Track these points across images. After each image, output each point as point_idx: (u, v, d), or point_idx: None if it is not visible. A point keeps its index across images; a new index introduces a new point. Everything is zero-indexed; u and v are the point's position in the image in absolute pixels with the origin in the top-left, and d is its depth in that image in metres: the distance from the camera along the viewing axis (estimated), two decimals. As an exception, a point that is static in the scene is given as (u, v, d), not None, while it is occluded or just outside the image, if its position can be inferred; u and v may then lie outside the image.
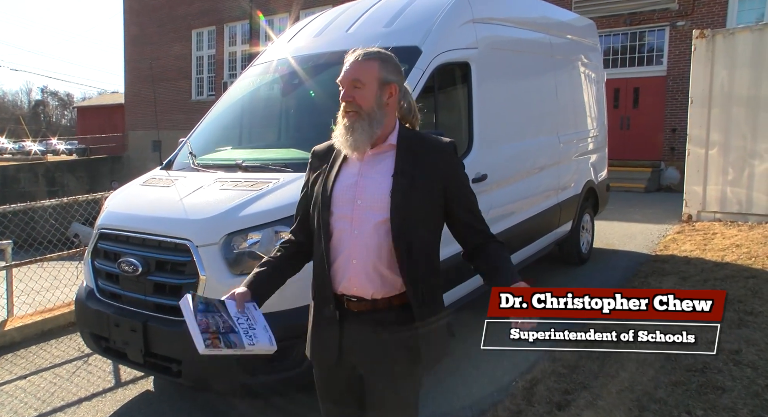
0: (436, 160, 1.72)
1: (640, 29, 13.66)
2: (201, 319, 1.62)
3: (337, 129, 1.72)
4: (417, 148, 1.72)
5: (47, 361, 4.19)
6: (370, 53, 1.71)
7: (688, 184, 8.34)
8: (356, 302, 1.70)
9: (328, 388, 1.86)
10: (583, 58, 6.19)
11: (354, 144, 1.67)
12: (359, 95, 1.67)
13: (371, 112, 1.67)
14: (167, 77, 21.65)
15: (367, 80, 1.67)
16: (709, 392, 3.18)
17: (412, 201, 1.66)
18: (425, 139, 1.77)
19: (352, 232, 1.68)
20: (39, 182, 21.74)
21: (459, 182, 1.76)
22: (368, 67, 1.68)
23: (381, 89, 1.69)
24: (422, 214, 1.68)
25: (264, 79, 4.46)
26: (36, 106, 66.51)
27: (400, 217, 1.64)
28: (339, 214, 1.70)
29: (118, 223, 3.27)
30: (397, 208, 1.64)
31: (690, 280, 5.34)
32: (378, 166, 1.71)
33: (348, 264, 1.69)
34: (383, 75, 1.69)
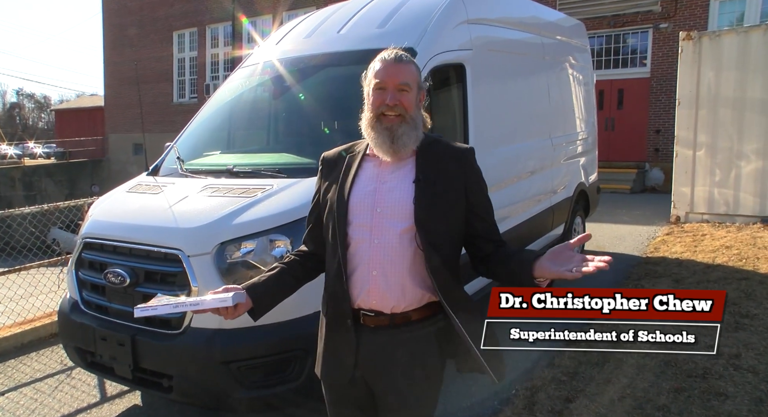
0: (457, 166, 1.67)
1: (624, 31, 13.78)
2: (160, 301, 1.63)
3: (372, 133, 1.63)
4: (437, 153, 1.67)
5: (27, 376, 4.01)
6: (407, 56, 1.66)
7: (676, 185, 8.39)
8: (373, 317, 1.62)
9: (339, 406, 1.77)
10: (572, 60, 6.17)
11: (399, 148, 1.61)
12: (405, 99, 1.61)
13: (415, 116, 1.63)
14: (148, 80, 21.31)
15: (412, 84, 1.63)
16: (711, 399, 3.15)
17: (436, 208, 1.60)
18: (445, 145, 1.72)
19: (372, 241, 1.60)
20: (16, 187, 21.24)
21: (479, 190, 1.71)
22: (411, 70, 1.64)
23: (418, 94, 1.67)
24: (447, 220, 1.63)
25: (252, 81, 4.34)
26: (11, 109, 65.17)
27: (427, 225, 1.58)
28: (357, 223, 1.62)
29: (103, 232, 3.13)
30: (422, 215, 1.58)
31: (683, 282, 5.34)
32: (398, 172, 1.64)
33: (368, 276, 1.60)
34: (419, 80, 1.67)
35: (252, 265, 2.72)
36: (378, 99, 1.61)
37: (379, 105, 1.60)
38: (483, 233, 1.71)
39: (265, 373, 2.70)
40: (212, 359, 2.65)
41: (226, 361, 2.65)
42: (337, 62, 3.82)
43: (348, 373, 1.65)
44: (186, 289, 2.71)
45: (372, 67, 1.65)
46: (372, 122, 1.62)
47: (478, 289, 3.80)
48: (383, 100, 1.60)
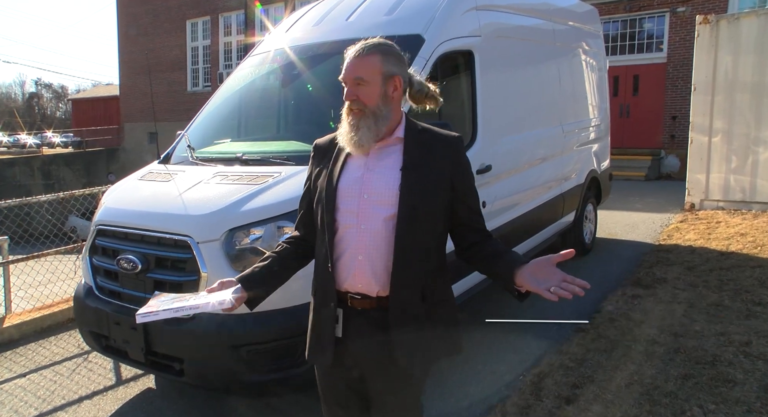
0: (444, 154, 1.68)
1: (640, 16, 13.53)
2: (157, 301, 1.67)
3: (341, 126, 1.67)
4: (425, 141, 1.68)
5: (47, 359, 4.13)
6: (370, 46, 1.64)
7: (691, 172, 8.28)
8: (360, 300, 1.65)
9: (329, 388, 1.81)
10: (585, 46, 6.10)
11: (359, 142, 1.62)
12: (363, 93, 1.61)
13: (376, 109, 1.62)
14: (162, 68, 21.43)
15: (370, 76, 1.61)
16: (720, 385, 3.14)
17: (421, 195, 1.61)
18: (433, 133, 1.71)
19: (359, 227, 1.63)
20: (35, 175, 21.61)
21: (465, 178, 1.72)
22: (370, 62, 1.61)
23: (385, 84, 1.63)
24: (431, 208, 1.64)
25: (262, 69, 4.36)
26: (30, 99, 66.01)
27: (409, 212, 1.60)
28: (344, 209, 1.65)
29: (116, 219, 3.19)
30: (406, 202, 1.60)
31: (695, 269, 5.30)
32: (385, 159, 1.66)
33: (354, 260, 1.64)
34: (386, 68, 1.63)
35: (260, 252, 2.76)
36: (344, 94, 1.65)
37: (344, 101, 1.65)
38: (468, 222, 1.72)
39: (273, 357, 2.75)
40: (222, 343, 2.70)
41: (235, 346, 2.70)
42: (345, 50, 3.81)
43: (330, 354, 1.68)
44: (196, 275, 2.76)
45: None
46: (342, 116, 1.68)
47: (468, 288, 3.80)
48: (345, 96, 1.65)
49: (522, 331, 4.16)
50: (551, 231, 5.23)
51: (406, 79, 1.69)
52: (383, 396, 1.71)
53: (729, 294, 4.58)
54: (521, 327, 4.24)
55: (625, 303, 4.51)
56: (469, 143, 3.85)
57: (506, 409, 3.04)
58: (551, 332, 4.11)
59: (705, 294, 4.63)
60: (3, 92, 65.96)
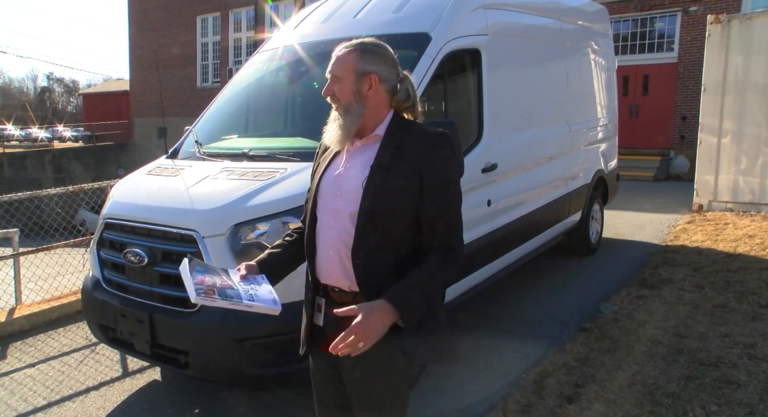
0: (417, 150, 1.62)
1: (651, 15, 13.43)
2: (197, 276, 1.60)
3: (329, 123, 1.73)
4: (403, 138, 1.64)
5: (55, 350, 4.18)
6: (351, 45, 1.67)
7: (700, 173, 8.23)
8: (338, 292, 1.70)
9: (316, 381, 1.87)
10: (593, 45, 6.07)
11: (332, 138, 1.68)
12: (338, 89, 1.65)
13: (348, 105, 1.64)
14: (172, 64, 21.55)
15: (343, 74, 1.64)
16: (723, 387, 3.14)
17: (384, 194, 1.59)
18: (414, 130, 1.67)
19: (330, 222, 1.68)
20: (45, 169, 21.80)
21: (435, 174, 1.61)
22: (345, 60, 1.65)
23: (359, 81, 1.64)
24: (394, 207, 1.60)
25: (270, 66, 4.38)
26: (42, 93, 66.56)
27: (369, 210, 1.59)
28: (322, 205, 1.70)
29: (123, 212, 3.23)
30: (366, 200, 1.60)
31: (702, 271, 5.28)
32: (361, 156, 1.68)
33: (326, 255, 1.68)
34: (360, 66, 1.64)
35: (265, 247, 2.77)
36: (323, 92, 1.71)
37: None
38: (429, 221, 1.62)
39: (277, 351, 2.77)
40: (226, 337, 2.73)
41: (239, 339, 2.73)
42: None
43: (305, 342, 1.77)
44: (201, 269, 2.79)
45: None
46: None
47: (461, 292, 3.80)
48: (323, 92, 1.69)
49: (525, 330, 4.17)
50: (557, 230, 5.23)
51: (385, 78, 1.66)
52: (356, 392, 1.73)
53: (735, 296, 4.56)
54: (524, 326, 4.25)
55: (629, 303, 4.51)
56: (475, 141, 3.85)
57: (508, 407, 3.05)
58: (554, 331, 4.12)
59: (711, 295, 4.61)
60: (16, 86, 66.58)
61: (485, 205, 3.92)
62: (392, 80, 1.68)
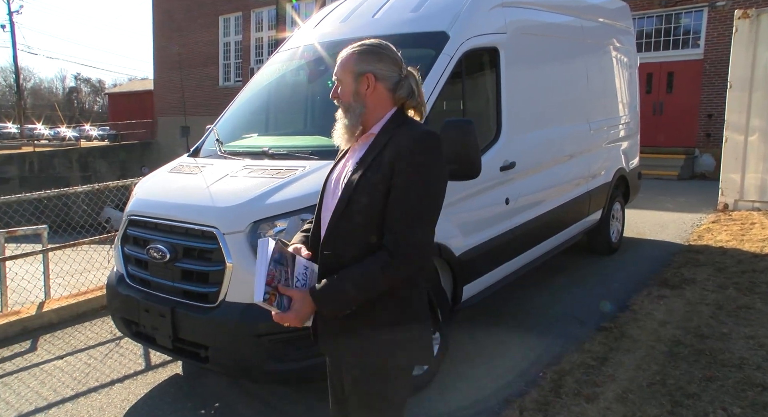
0: (396, 147, 1.60)
1: (676, 11, 13.19)
2: (272, 268, 1.56)
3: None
4: (390, 137, 1.64)
5: (82, 343, 4.30)
6: (351, 47, 1.73)
7: (725, 171, 8.07)
8: None
9: (328, 377, 1.91)
10: (615, 42, 6.00)
11: (338, 137, 1.74)
12: (341, 91, 1.73)
13: (348, 105, 1.71)
14: (195, 63, 21.86)
15: (343, 75, 1.72)
16: (747, 389, 3.09)
17: (357, 191, 1.61)
18: (404, 128, 1.66)
19: (326, 218, 1.71)
20: (73, 167, 22.29)
21: (403, 171, 1.56)
22: (344, 62, 1.72)
23: (356, 81, 1.69)
24: (366, 205, 1.59)
25: (290, 65, 4.43)
26: (70, 93, 68.08)
27: (342, 207, 1.63)
28: (324, 204, 1.75)
29: (146, 210, 3.30)
30: (342, 197, 1.64)
31: (726, 271, 5.18)
32: (355, 155, 1.72)
33: (323, 254, 1.70)
34: (358, 67, 1.69)
35: (284, 244, 2.83)
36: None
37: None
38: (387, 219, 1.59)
39: (295, 347, 2.81)
40: (245, 332, 2.78)
41: (258, 335, 2.77)
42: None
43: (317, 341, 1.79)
44: (221, 265, 2.85)
45: None
46: None
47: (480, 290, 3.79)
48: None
49: (543, 329, 4.15)
50: (576, 229, 5.19)
51: (384, 76, 1.67)
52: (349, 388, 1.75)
53: (761, 297, 4.47)
54: (543, 324, 4.23)
55: (650, 303, 4.45)
56: (493, 140, 3.85)
57: (525, 405, 3.05)
58: (573, 330, 4.09)
59: (735, 296, 4.53)
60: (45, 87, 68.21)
61: (503, 204, 3.91)
62: (393, 78, 1.69)
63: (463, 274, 3.51)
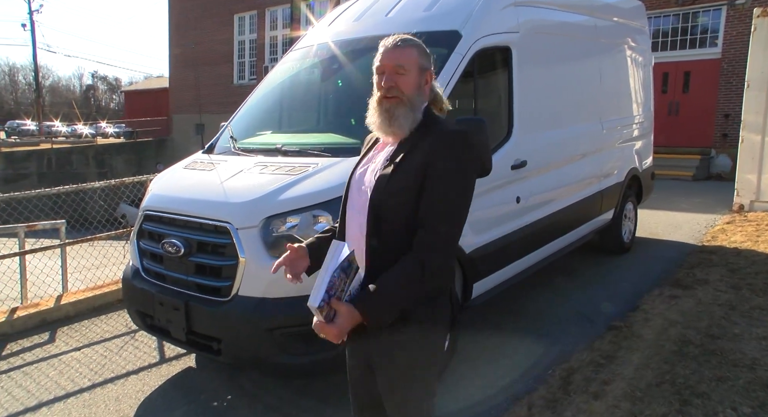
0: (427, 145, 1.63)
1: (694, 9, 13.04)
2: (336, 276, 1.52)
3: (373, 114, 1.70)
4: (420, 136, 1.66)
5: (98, 335, 4.39)
6: (408, 40, 1.71)
7: (741, 172, 7.98)
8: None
9: (349, 371, 1.91)
10: (630, 42, 5.97)
11: (396, 129, 1.66)
12: (402, 81, 1.66)
13: (413, 98, 1.67)
14: (210, 62, 22.03)
15: (410, 66, 1.67)
16: (758, 389, 3.07)
17: (389, 190, 1.62)
18: (433, 128, 1.68)
19: (354, 215, 1.73)
20: (90, 164, 22.63)
21: (437, 170, 1.59)
22: (409, 53, 1.68)
23: (420, 76, 1.69)
24: (401, 200, 1.61)
25: (304, 63, 4.47)
26: (87, 91, 68.94)
27: (375, 206, 1.63)
28: (350, 201, 1.76)
29: (161, 205, 3.36)
30: (373, 196, 1.63)
31: (740, 272, 5.14)
32: (383, 153, 1.73)
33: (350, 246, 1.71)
34: (422, 61, 1.70)
35: (296, 239, 2.87)
36: (378, 83, 1.68)
37: (380, 88, 1.68)
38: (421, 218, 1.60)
39: (305, 341, 2.85)
40: (257, 326, 2.83)
41: (270, 328, 2.82)
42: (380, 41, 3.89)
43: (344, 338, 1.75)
44: (234, 260, 2.90)
45: (376, 54, 1.73)
46: (374, 105, 1.69)
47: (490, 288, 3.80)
48: (381, 83, 1.67)
49: (553, 327, 4.16)
50: (588, 228, 5.18)
51: (431, 74, 1.74)
52: (382, 383, 1.76)
53: (775, 298, 4.43)
54: (553, 322, 4.24)
55: (661, 303, 4.43)
56: (505, 138, 3.86)
57: (533, 402, 3.07)
58: (583, 329, 4.10)
59: (748, 297, 4.50)
60: (63, 85, 69.18)
61: (514, 202, 3.93)
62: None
63: (473, 272, 3.53)
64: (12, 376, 3.72)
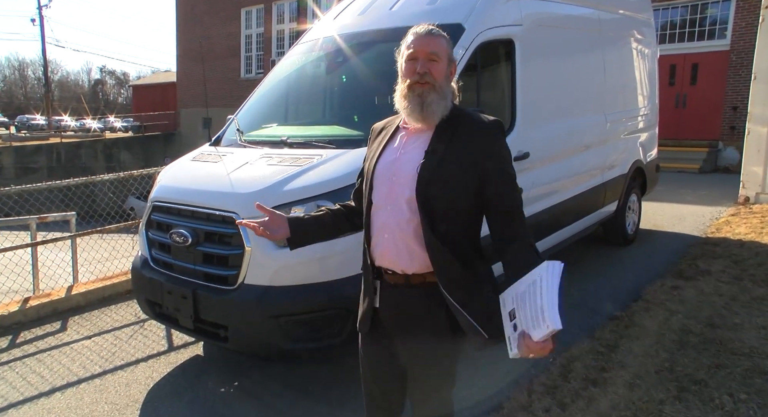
0: (472, 138, 1.68)
1: (702, 1, 12.94)
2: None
3: (402, 100, 1.70)
4: (456, 126, 1.70)
5: (108, 324, 4.49)
6: (438, 30, 1.72)
7: (747, 164, 7.97)
8: (391, 275, 1.75)
9: (367, 358, 1.92)
10: (635, 34, 5.97)
11: (428, 115, 1.67)
12: (435, 68, 1.67)
13: (443, 86, 1.69)
14: (217, 56, 22.11)
15: (442, 55, 1.69)
16: (755, 377, 3.12)
17: (438, 178, 1.64)
18: (467, 118, 1.73)
19: (386, 207, 1.72)
20: (98, 158, 22.83)
21: (494, 163, 1.68)
22: (441, 42, 1.71)
23: (449, 66, 1.73)
24: (450, 192, 1.65)
25: (309, 57, 4.52)
26: (95, 85, 69.31)
27: (425, 194, 1.64)
28: (378, 189, 1.75)
29: (169, 196, 3.44)
30: (422, 185, 1.64)
31: (743, 263, 5.16)
32: (416, 142, 1.72)
33: (381, 238, 1.74)
34: (450, 53, 1.74)
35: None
36: (410, 69, 1.67)
37: (411, 74, 1.66)
38: (495, 209, 1.70)
39: (310, 328, 2.93)
40: (262, 313, 2.90)
41: (274, 316, 2.90)
42: (388, 39, 3.93)
43: (367, 323, 1.82)
44: (241, 249, 2.97)
45: (405, 40, 1.74)
46: (404, 91, 1.68)
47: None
48: (414, 69, 1.66)
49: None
50: (591, 220, 5.21)
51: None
52: (415, 368, 1.81)
53: (776, 289, 4.46)
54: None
55: (663, 293, 4.47)
56: (507, 130, 3.90)
57: (533, 388, 3.13)
58: (585, 319, 4.14)
59: (750, 288, 4.53)
60: (71, 79, 69.57)
61: (516, 193, 3.97)
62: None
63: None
64: (26, 363, 3.83)
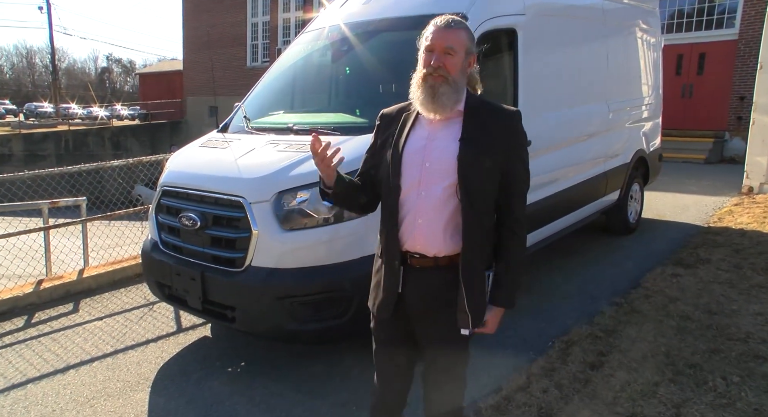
0: (501, 128, 1.78)
1: (711, -11, 12.84)
2: None
3: (417, 91, 1.76)
4: (484, 115, 1.78)
5: (119, 307, 4.60)
6: (459, 21, 1.76)
7: (751, 154, 7.98)
8: (419, 258, 1.81)
9: (383, 339, 1.97)
10: (640, 24, 5.98)
11: (438, 107, 1.74)
12: (449, 62, 1.72)
13: (457, 79, 1.74)
14: (223, 44, 22.11)
15: (458, 48, 1.74)
16: (749, 360, 3.19)
17: (479, 166, 1.73)
18: (492, 107, 1.82)
19: (419, 193, 1.76)
20: (105, 146, 22.98)
21: (516, 151, 1.82)
22: (459, 35, 1.74)
23: (466, 58, 1.77)
24: (486, 178, 1.76)
25: (315, 45, 4.57)
26: (102, 73, 69.44)
27: (468, 181, 1.72)
28: (407, 176, 1.78)
29: (178, 181, 3.52)
30: (465, 172, 1.72)
31: (743, 252, 5.21)
32: (446, 130, 1.78)
33: (414, 223, 1.78)
34: (469, 45, 1.78)
35: (306, 213, 3.02)
36: (425, 60, 1.75)
37: (426, 66, 1.74)
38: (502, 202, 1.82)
39: (315, 309, 3.02)
40: (268, 295, 2.99)
41: (280, 297, 2.99)
42: (392, 27, 3.98)
43: (390, 308, 1.86)
44: (248, 232, 3.06)
45: (425, 31, 1.78)
46: (418, 81, 1.75)
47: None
48: (429, 61, 1.73)
49: (555, 303, 4.28)
50: (592, 208, 5.26)
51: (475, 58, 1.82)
52: (430, 347, 1.89)
53: (775, 277, 4.51)
54: (555, 299, 4.36)
55: (663, 280, 4.54)
56: (510, 118, 3.95)
57: (531, 371, 3.21)
58: (585, 305, 4.22)
59: (749, 276, 4.58)
60: (78, 67, 69.74)
61: (518, 181, 4.02)
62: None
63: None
64: (42, 341, 3.95)
